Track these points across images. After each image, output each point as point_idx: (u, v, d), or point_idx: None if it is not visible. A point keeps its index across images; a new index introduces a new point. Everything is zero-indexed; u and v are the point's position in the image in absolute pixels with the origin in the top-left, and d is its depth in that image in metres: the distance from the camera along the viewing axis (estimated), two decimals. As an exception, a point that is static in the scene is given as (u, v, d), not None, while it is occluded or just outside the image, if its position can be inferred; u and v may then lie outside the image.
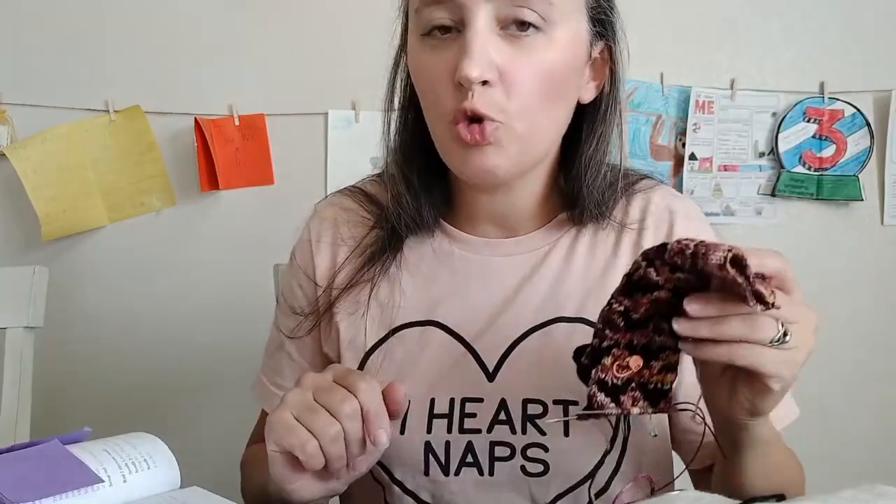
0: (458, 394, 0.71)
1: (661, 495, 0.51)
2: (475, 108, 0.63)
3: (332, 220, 0.81)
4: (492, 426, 0.70)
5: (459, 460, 0.70)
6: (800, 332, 0.51)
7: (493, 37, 0.63)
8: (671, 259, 0.50)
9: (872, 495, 0.46)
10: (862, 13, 1.58)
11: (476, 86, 0.62)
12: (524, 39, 0.64)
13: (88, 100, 1.51)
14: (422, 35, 0.66)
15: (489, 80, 0.63)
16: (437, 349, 0.73)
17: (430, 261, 0.76)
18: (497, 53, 0.63)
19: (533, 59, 0.64)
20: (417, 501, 0.72)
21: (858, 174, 1.57)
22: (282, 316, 0.83)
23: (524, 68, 0.64)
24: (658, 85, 1.58)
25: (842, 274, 1.59)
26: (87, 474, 0.55)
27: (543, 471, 0.69)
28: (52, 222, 1.49)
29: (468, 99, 0.63)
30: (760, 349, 0.50)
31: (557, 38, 0.65)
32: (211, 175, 1.51)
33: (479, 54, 0.61)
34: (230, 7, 1.54)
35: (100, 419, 1.50)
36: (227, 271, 1.55)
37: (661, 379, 0.55)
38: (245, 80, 1.55)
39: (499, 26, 0.63)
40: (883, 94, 1.57)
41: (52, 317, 1.11)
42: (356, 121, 1.54)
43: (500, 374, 0.72)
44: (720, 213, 1.60)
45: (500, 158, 0.66)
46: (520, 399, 0.70)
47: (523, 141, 0.66)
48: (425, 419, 0.71)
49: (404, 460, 0.71)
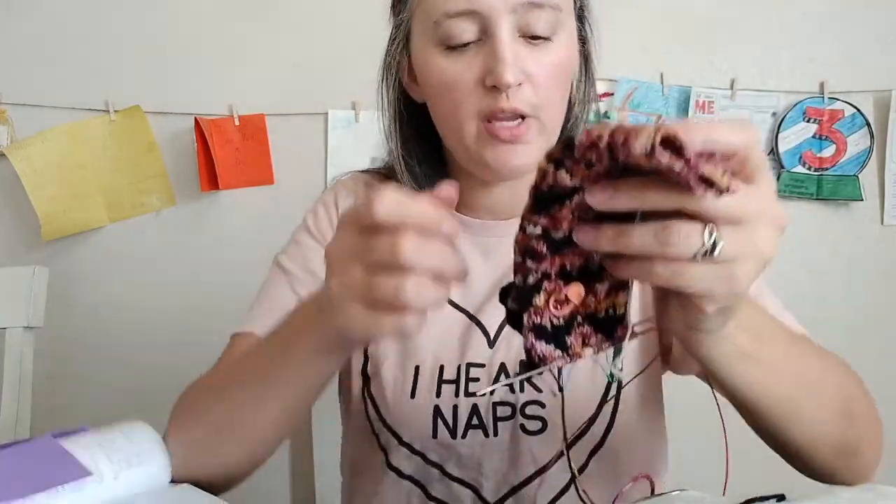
0: (463, 360, 0.76)
1: (662, 495, 0.51)
2: (513, 106, 0.69)
3: (354, 194, 0.86)
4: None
5: (466, 423, 0.74)
6: (749, 235, 0.41)
7: (516, 44, 0.69)
8: (583, 156, 0.40)
9: (872, 495, 0.46)
10: (862, 13, 1.58)
11: (510, 89, 0.68)
12: (539, 44, 0.70)
13: (88, 100, 1.51)
14: (445, 46, 0.71)
15: (521, 82, 0.69)
16: (443, 321, 0.78)
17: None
18: (521, 59, 0.69)
19: (549, 60, 0.71)
20: (426, 461, 0.76)
21: (858, 174, 1.57)
22: (288, 275, 0.82)
23: (544, 69, 0.70)
24: (658, 85, 1.58)
25: (842, 274, 1.59)
26: (75, 468, 0.55)
27: (542, 428, 0.73)
28: (52, 222, 1.49)
29: (505, 100, 0.69)
30: (680, 265, 0.41)
31: (563, 39, 0.72)
32: (211, 175, 1.51)
33: (514, 60, 0.68)
34: (230, 7, 1.54)
35: (99, 419, 1.50)
36: (226, 271, 1.55)
37: (611, 303, 0.45)
38: (245, 80, 1.55)
39: (519, 34, 0.70)
40: (883, 94, 1.57)
41: (52, 317, 1.11)
42: (356, 121, 1.54)
43: (499, 341, 0.77)
44: (720, 213, 1.60)
45: (529, 156, 0.71)
46: (517, 360, 0.72)
47: (547, 133, 0.73)
48: (435, 385, 0.75)
49: (413, 424, 0.76)
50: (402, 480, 0.77)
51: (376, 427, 0.78)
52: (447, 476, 0.76)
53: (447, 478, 0.76)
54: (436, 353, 0.77)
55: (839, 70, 1.57)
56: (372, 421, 0.79)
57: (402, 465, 0.77)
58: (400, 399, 0.76)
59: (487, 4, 0.67)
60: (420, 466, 0.76)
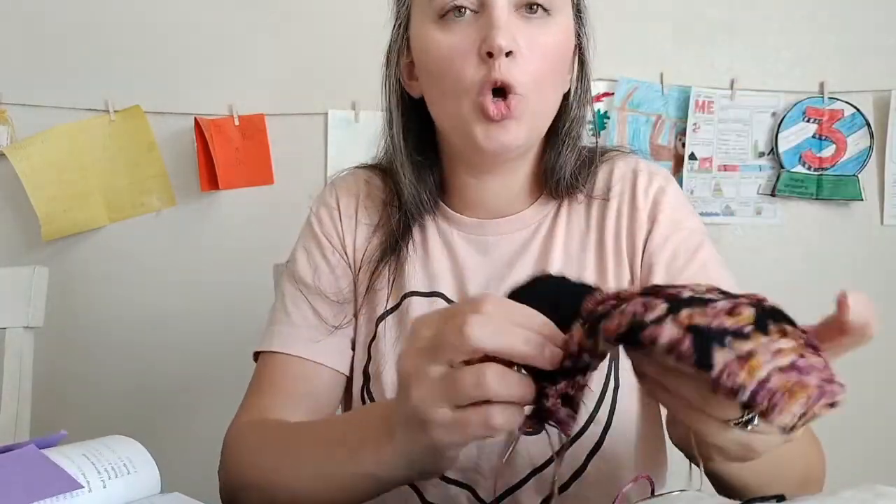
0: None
1: (662, 495, 0.50)
2: (504, 77, 0.68)
3: (356, 192, 0.86)
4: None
5: None
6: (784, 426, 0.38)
7: (512, 15, 0.69)
8: (607, 336, 0.40)
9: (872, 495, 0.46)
10: (862, 13, 1.58)
11: (502, 57, 0.68)
12: (534, 20, 0.71)
13: (88, 100, 1.51)
14: (439, 17, 0.71)
15: (513, 52, 0.68)
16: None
17: (432, 240, 0.82)
18: (516, 30, 0.69)
19: (542, 38, 0.71)
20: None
21: (858, 174, 1.57)
22: (305, 288, 0.83)
23: (537, 44, 0.70)
24: (658, 85, 1.58)
25: (842, 274, 1.59)
26: (65, 480, 0.54)
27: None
28: (52, 222, 1.49)
29: (496, 70, 0.68)
30: (712, 423, 0.42)
31: (559, 22, 0.72)
32: (211, 175, 1.51)
33: (506, 27, 0.68)
34: (230, 7, 1.54)
35: (99, 419, 1.50)
36: (226, 271, 1.55)
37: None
38: (245, 80, 1.55)
39: (514, 8, 0.70)
40: (883, 94, 1.57)
41: (52, 317, 1.11)
42: (356, 121, 1.54)
43: None
44: (720, 212, 1.60)
45: (519, 132, 0.71)
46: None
47: (535, 115, 0.72)
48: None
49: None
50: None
51: None
52: (443, 479, 0.75)
53: (443, 481, 0.75)
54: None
55: (839, 70, 1.57)
56: None
57: None
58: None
59: None
60: None
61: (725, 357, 0.35)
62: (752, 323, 0.36)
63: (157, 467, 0.61)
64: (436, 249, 0.81)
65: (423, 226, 0.82)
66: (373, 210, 0.84)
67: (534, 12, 0.70)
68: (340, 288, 0.81)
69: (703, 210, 1.58)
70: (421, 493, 0.76)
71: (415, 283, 0.80)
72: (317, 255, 0.83)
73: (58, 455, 0.57)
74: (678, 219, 0.77)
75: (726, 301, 0.37)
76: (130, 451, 0.61)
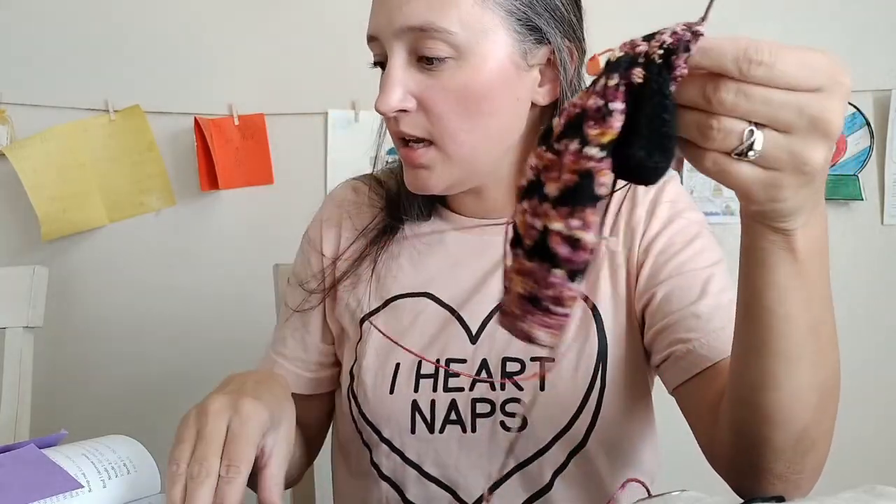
0: (443, 356, 0.77)
1: (662, 495, 0.51)
2: (401, 130, 0.71)
3: (341, 202, 0.88)
4: (473, 384, 0.75)
5: (444, 418, 0.75)
6: (791, 142, 0.39)
7: (411, 70, 0.69)
8: (561, 130, 0.40)
9: (872, 495, 0.46)
10: (862, 13, 1.58)
11: (398, 114, 0.70)
12: (435, 71, 0.69)
13: (88, 100, 1.51)
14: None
15: (408, 109, 0.70)
16: (427, 317, 0.79)
17: (427, 240, 0.83)
18: (414, 84, 0.69)
19: (447, 86, 0.68)
20: (403, 459, 0.77)
21: (858, 174, 1.57)
22: (291, 291, 0.89)
23: (439, 95, 0.69)
24: (658, 85, 1.57)
25: (842, 274, 1.59)
26: (65, 480, 0.54)
27: (522, 426, 0.73)
28: (52, 222, 1.49)
29: (394, 123, 0.71)
30: (723, 159, 0.41)
31: (472, 61, 0.68)
32: (211, 175, 1.51)
33: (391, 89, 0.68)
34: (230, 7, 1.54)
35: (99, 419, 1.50)
36: (226, 271, 1.55)
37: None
38: (245, 80, 1.55)
39: (415, 59, 0.69)
40: (883, 94, 1.57)
41: (52, 317, 1.12)
42: (356, 121, 1.54)
43: (481, 337, 0.77)
44: (720, 212, 1.60)
45: (433, 180, 0.73)
46: (500, 357, 0.75)
47: (458, 161, 0.72)
48: (412, 380, 0.76)
49: (392, 419, 0.76)
50: (381, 481, 0.78)
51: (359, 424, 0.79)
52: (424, 476, 0.76)
53: (424, 478, 0.76)
54: (415, 348, 0.78)
55: (839, 70, 1.57)
56: (355, 418, 0.79)
57: (381, 463, 0.78)
58: (379, 394, 0.77)
59: (376, 30, 0.70)
60: (398, 465, 0.77)
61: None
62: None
63: (157, 467, 0.61)
64: (429, 250, 0.82)
65: (416, 227, 0.83)
66: (357, 216, 0.86)
67: (431, 63, 0.68)
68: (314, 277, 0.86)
69: (704, 210, 1.57)
70: (402, 492, 0.77)
71: (403, 284, 0.81)
72: (305, 253, 0.89)
73: (58, 455, 0.57)
74: (677, 210, 0.77)
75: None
76: (130, 451, 0.61)
